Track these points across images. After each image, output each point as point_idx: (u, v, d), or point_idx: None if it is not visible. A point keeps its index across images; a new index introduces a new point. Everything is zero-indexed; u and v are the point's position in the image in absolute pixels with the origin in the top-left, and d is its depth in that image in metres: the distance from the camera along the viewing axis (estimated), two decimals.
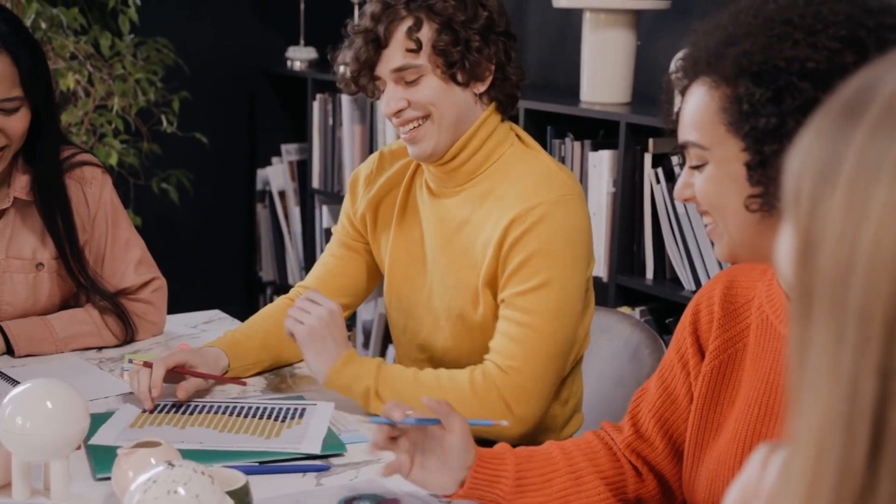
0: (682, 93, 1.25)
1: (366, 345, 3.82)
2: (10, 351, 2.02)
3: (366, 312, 3.82)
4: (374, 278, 2.07)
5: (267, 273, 4.26)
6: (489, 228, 1.82)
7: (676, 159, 2.74)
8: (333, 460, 1.61)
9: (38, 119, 1.99)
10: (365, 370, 1.76)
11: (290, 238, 4.16)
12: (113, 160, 3.38)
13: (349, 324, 3.90)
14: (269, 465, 1.58)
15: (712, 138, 1.20)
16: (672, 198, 2.69)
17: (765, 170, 1.16)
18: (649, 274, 2.84)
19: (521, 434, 1.75)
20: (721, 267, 2.55)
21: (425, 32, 1.78)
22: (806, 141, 0.67)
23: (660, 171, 2.76)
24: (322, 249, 3.76)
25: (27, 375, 1.84)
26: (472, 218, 1.85)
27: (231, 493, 1.29)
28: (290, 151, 4.16)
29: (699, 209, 1.27)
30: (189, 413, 1.76)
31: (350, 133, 3.80)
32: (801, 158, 0.66)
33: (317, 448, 1.62)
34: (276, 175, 4.17)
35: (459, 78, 1.80)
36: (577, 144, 2.95)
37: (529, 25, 3.52)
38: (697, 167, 1.24)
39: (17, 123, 1.94)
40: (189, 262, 4.10)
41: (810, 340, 0.64)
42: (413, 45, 1.78)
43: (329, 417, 1.75)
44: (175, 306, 2.27)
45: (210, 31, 4.04)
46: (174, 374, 1.79)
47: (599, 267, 2.88)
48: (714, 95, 1.19)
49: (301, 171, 4.12)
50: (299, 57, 4.02)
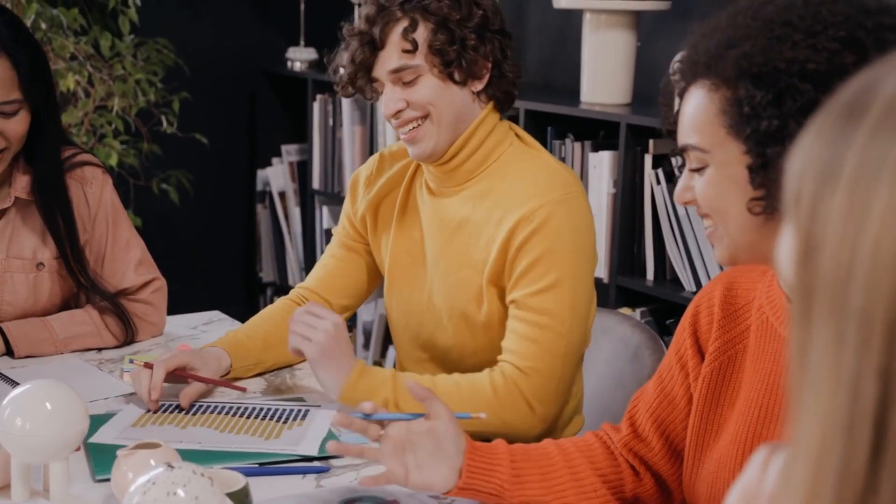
0: (681, 95, 1.24)
1: (366, 346, 3.82)
2: (9, 352, 2.02)
3: (366, 313, 3.82)
4: (375, 279, 2.07)
5: (267, 274, 4.25)
6: (491, 227, 1.82)
7: (676, 161, 2.74)
8: (333, 462, 1.61)
9: (39, 120, 1.99)
10: (381, 381, 1.73)
11: (291, 239, 4.16)
12: (113, 161, 3.38)
13: (349, 325, 3.89)
14: (269, 466, 1.58)
15: (712, 141, 1.20)
16: (672, 199, 2.69)
17: (767, 172, 1.16)
18: (650, 275, 2.84)
19: (541, 433, 1.76)
20: (721, 268, 2.55)
21: (421, 33, 1.78)
22: (807, 142, 0.67)
23: (660, 171, 2.76)
24: (322, 250, 3.75)
25: (27, 376, 1.84)
26: (473, 216, 1.85)
27: (231, 495, 1.29)
28: (290, 152, 4.16)
29: (699, 212, 1.26)
30: (192, 413, 1.76)
31: (350, 134, 3.79)
32: (802, 160, 0.66)
33: (314, 450, 1.62)
34: (276, 176, 4.16)
35: (457, 77, 1.80)
36: (577, 145, 2.95)
37: (529, 26, 3.52)
38: (697, 170, 1.23)
39: (16, 126, 1.94)
40: (189, 263, 4.10)
41: (811, 342, 0.64)
42: (409, 46, 1.78)
43: (331, 420, 1.74)
44: (175, 307, 2.27)
45: (210, 32, 4.04)
46: (175, 376, 1.79)
47: (600, 268, 2.88)
48: (714, 98, 1.19)
49: (301, 171, 4.12)
50: (299, 57, 4.02)
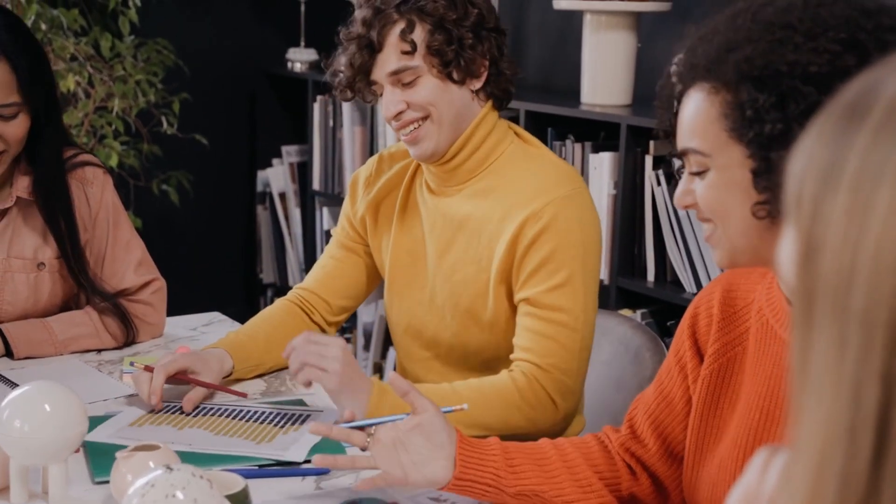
0: (679, 98, 1.24)
1: (366, 347, 3.82)
2: (9, 353, 2.01)
3: (366, 315, 3.82)
4: (374, 280, 2.07)
5: (267, 275, 4.25)
6: (493, 224, 1.83)
7: (675, 163, 2.73)
8: None
9: (39, 123, 1.98)
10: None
11: (291, 240, 4.16)
12: (113, 162, 3.38)
13: (349, 326, 3.89)
14: (269, 468, 1.57)
15: (713, 145, 1.19)
16: (673, 200, 2.69)
17: (771, 176, 1.15)
18: (650, 276, 2.83)
19: (563, 429, 1.77)
20: (722, 270, 2.54)
21: (418, 34, 1.79)
22: (808, 144, 0.66)
23: (660, 172, 2.75)
24: (323, 251, 3.75)
25: (26, 378, 1.83)
26: (475, 214, 1.86)
27: (230, 497, 1.29)
28: (290, 153, 4.15)
29: (700, 216, 1.26)
30: (193, 415, 1.75)
31: (350, 135, 3.79)
32: (804, 161, 0.66)
33: (301, 456, 1.59)
34: (276, 177, 4.16)
35: (455, 76, 1.81)
36: (577, 146, 2.94)
37: (530, 27, 3.51)
38: (698, 174, 1.23)
39: (15, 129, 1.94)
40: (189, 264, 4.10)
41: (812, 345, 0.64)
42: (408, 48, 1.78)
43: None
44: (175, 308, 2.27)
45: (210, 33, 4.03)
46: (176, 379, 1.79)
47: (600, 269, 2.87)
48: (714, 101, 1.18)
49: (301, 172, 4.12)
50: (300, 58, 4.02)
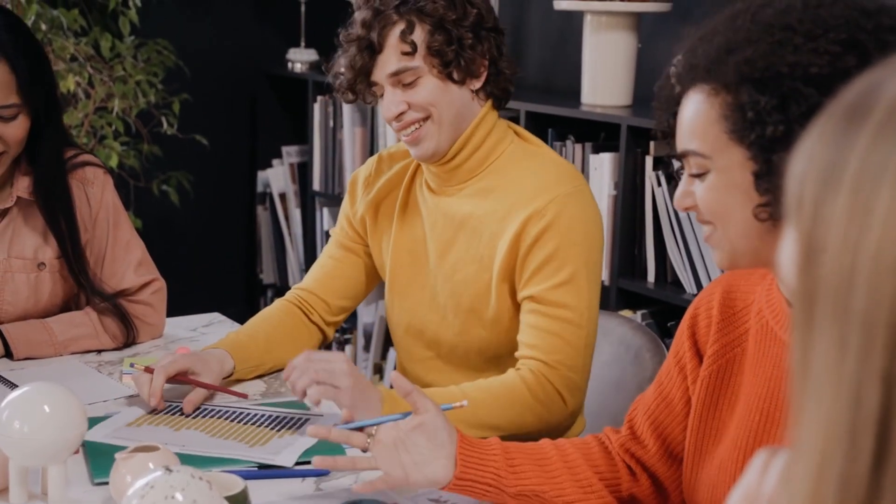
0: (678, 100, 1.23)
1: (366, 348, 3.81)
2: (8, 354, 2.01)
3: (366, 315, 3.81)
4: (373, 280, 2.07)
5: (267, 275, 4.25)
6: (495, 222, 1.84)
7: (675, 164, 2.73)
8: None
9: (40, 123, 1.98)
10: None
11: (291, 240, 4.15)
12: (113, 162, 3.38)
13: (349, 326, 3.89)
14: (269, 469, 1.57)
15: (713, 146, 1.19)
16: (673, 201, 2.68)
17: (773, 178, 1.14)
18: (650, 277, 2.83)
19: (570, 426, 1.78)
20: (722, 270, 2.54)
21: (418, 34, 1.79)
22: (809, 145, 0.66)
23: (661, 173, 2.75)
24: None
25: (25, 379, 1.83)
26: (476, 213, 1.87)
27: (229, 499, 1.29)
28: (290, 153, 4.15)
29: (700, 219, 1.25)
30: (191, 416, 1.75)
31: (351, 135, 3.79)
32: (804, 162, 0.66)
33: (290, 461, 1.58)
34: (276, 177, 4.16)
35: (456, 76, 1.82)
36: (577, 147, 2.94)
37: (530, 28, 3.51)
38: (698, 175, 1.22)
39: (15, 130, 1.94)
40: (189, 265, 4.10)
41: (813, 347, 0.64)
42: (408, 48, 1.79)
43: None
44: (175, 309, 2.27)
45: (210, 33, 4.03)
46: (176, 380, 1.79)
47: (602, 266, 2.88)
48: (714, 103, 1.17)
49: (302, 173, 4.12)
50: (300, 59, 4.02)
